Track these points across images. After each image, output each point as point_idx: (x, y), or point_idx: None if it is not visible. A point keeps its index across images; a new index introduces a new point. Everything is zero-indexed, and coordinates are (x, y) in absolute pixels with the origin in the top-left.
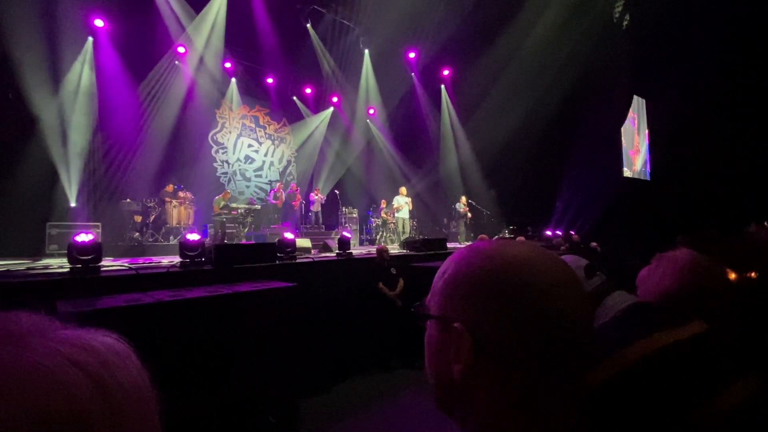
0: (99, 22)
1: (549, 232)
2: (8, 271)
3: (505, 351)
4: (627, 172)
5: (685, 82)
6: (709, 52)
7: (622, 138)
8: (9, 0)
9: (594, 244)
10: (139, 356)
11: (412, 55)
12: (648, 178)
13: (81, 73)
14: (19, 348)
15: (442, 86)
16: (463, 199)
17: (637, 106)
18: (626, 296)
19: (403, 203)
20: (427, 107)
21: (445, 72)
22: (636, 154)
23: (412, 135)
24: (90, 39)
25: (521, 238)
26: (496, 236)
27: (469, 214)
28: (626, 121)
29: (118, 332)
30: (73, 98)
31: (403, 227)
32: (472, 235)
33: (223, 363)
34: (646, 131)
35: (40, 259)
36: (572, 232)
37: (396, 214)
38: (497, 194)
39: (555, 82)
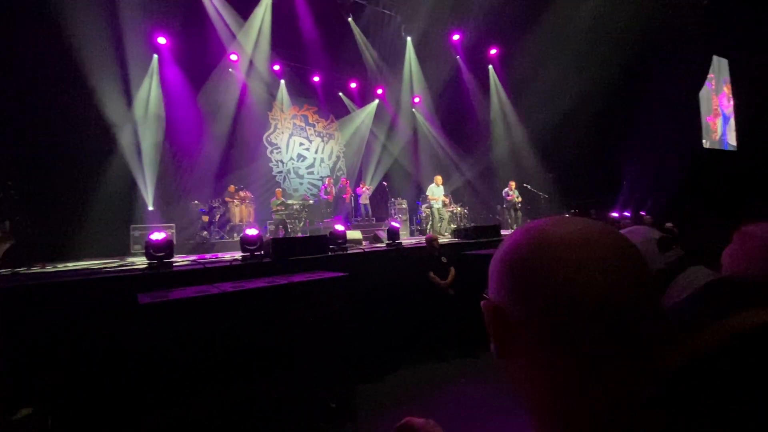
0: (162, 40)
1: (615, 214)
2: (99, 269)
3: (535, 334)
4: (706, 143)
5: None
6: None
7: (700, 105)
8: (82, 27)
9: (669, 224)
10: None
11: (456, 37)
12: (725, 147)
13: (150, 89)
14: None
15: (490, 67)
16: (512, 184)
17: (717, 68)
18: (706, 271)
19: (437, 193)
20: (474, 90)
21: (493, 51)
22: (715, 118)
23: (459, 120)
24: (155, 56)
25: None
26: None
27: (519, 200)
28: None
29: (189, 320)
30: (144, 113)
31: (440, 215)
32: (528, 221)
33: (283, 349)
34: (729, 95)
35: (127, 258)
36: (643, 213)
37: (432, 205)
38: (556, 176)
39: (615, 51)
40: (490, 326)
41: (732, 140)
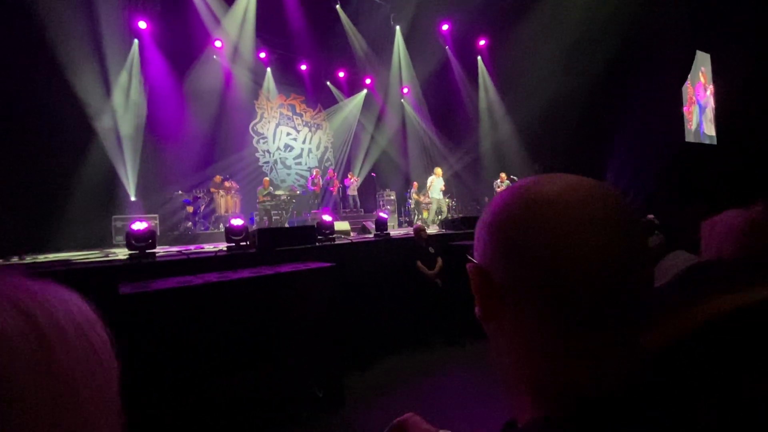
0: (142, 24)
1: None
2: (80, 260)
3: (521, 298)
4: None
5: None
6: None
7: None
8: (58, 13)
9: (650, 216)
10: (103, 319)
11: (445, 27)
12: (702, 136)
13: (130, 75)
14: None
15: (479, 58)
16: (503, 175)
17: (703, 63)
18: (688, 256)
19: (437, 184)
20: (463, 81)
21: (482, 42)
22: (690, 107)
23: (448, 112)
24: (136, 41)
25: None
26: None
27: None
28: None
29: (172, 311)
30: (124, 100)
31: (439, 207)
32: None
33: (269, 339)
34: (706, 84)
35: (109, 249)
36: None
37: (431, 195)
38: (542, 168)
39: (601, 44)
40: (476, 289)
41: (708, 130)
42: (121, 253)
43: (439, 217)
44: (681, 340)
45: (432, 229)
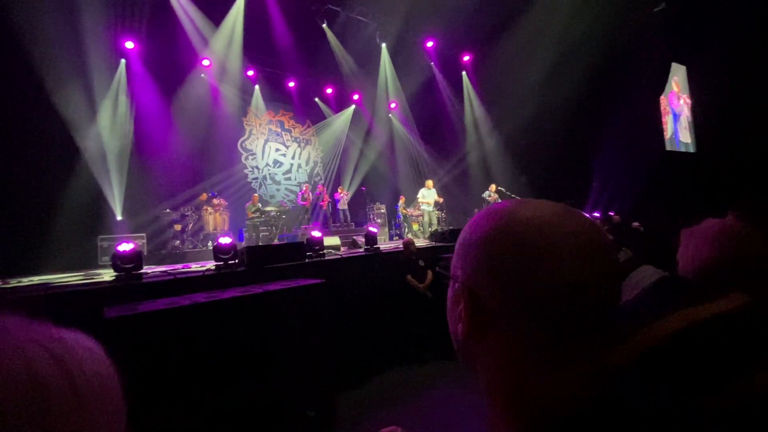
0: (129, 44)
1: (586, 215)
2: (65, 283)
3: (501, 314)
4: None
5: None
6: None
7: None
8: (43, 32)
9: (636, 224)
10: (111, 359)
11: (430, 44)
12: (677, 144)
13: (117, 94)
14: None
15: (464, 73)
16: (493, 187)
17: (681, 78)
18: (654, 271)
19: (428, 196)
20: (449, 96)
21: (466, 58)
22: (665, 116)
23: (435, 126)
24: (123, 61)
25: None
26: None
27: (500, 201)
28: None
29: (160, 333)
30: (111, 120)
31: (430, 220)
32: None
33: (259, 359)
34: (679, 94)
35: (94, 271)
36: (611, 213)
37: (422, 207)
38: (528, 180)
39: (583, 59)
40: (465, 308)
41: (684, 138)
42: (107, 274)
43: (430, 229)
44: (649, 352)
45: (422, 242)
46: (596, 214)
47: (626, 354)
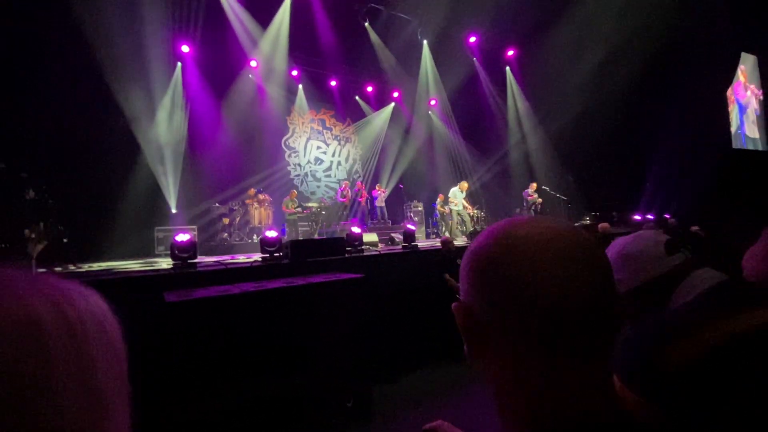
0: (185, 48)
1: (638, 216)
2: (128, 269)
3: (503, 331)
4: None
5: None
6: None
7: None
8: (108, 37)
9: (695, 228)
10: (116, 313)
11: (473, 39)
12: (743, 140)
13: (173, 95)
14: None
15: (507, 68)
16: (534, 185)
17: (749, 67)
18: (714, 273)
19: (459, 197)
20: (492, 92)
21: (510, 53)
22: (729, 106)
23: (476, 123)
24: (179, 64)
25: (604, 225)
26: (576, 224)
27: (539, 201)
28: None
29: (212, 318)
30: (168, 119)
31: (462, 219)
32: None
33: (300, 348)
34: (746, 83)
35: (152, 259)
36: (667, 215)
37: (452, 208)
38: (576, 178)
39: (637, 52)
40: (461, 326)
41: (751, 133)
42: (164, 263)
43: (462, 228)
44: (705, 354)
45: (460, 241)
46: (650, 217)
47: (676, 357)
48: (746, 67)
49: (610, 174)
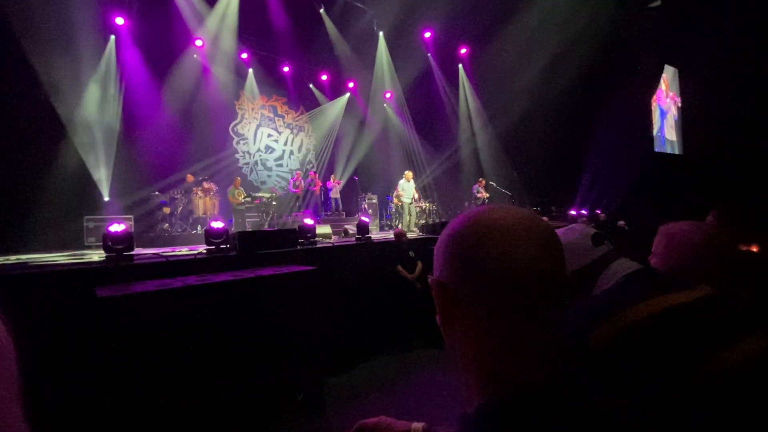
0: (120, 20)
1: (573, 212)
2: (54, 262)
3: (465, 300)
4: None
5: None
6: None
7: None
8: (32, 7)
9: (621, 222)
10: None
11: (428, 34)
12: (663, 142)
13: (105, 71)
14: None
15: (460, 65)
16: (482, 180)
17: (669, 77)
18: (630, 263)
19: (407, 189)
20: (445, 89)
21: (463, 51)
22: (653, 111)
23: (429, 118)
24: (112, 37)
25: (544, 219)
26: None
27: (486, 196)
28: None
29: (152, 314)
30: (99, 98)
31: (409, 212)
32: None
33: (250, 343)
34: (667, 91)
35: (80, 251)
36: (598, 211)
37: (403, 200)
38: (519, 175)
39: (579, 57)
40: (437, 300)
41: (670, 135)
42: (96, 255)
43: (409, 219)
44: (618, 338)
45: (413, 233)
46: (584, 212)
47: (600, 338)
48: (668, 77)
49: (550, 172)
